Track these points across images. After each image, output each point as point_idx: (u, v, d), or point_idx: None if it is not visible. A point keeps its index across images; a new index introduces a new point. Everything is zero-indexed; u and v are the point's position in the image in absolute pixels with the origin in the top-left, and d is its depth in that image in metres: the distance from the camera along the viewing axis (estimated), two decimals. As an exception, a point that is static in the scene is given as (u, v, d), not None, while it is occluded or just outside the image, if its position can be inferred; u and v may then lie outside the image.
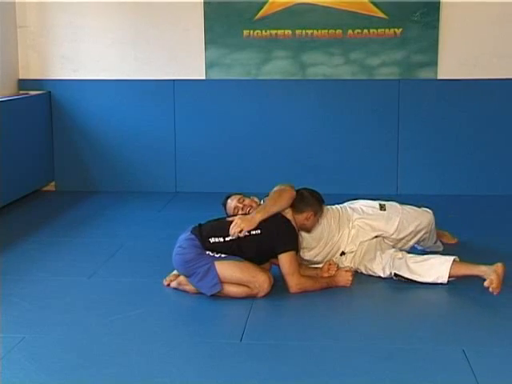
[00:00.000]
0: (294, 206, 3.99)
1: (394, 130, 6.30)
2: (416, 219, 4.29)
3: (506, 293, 3.80)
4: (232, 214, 4.10)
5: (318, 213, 4.09)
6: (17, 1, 6.38)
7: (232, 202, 4.15)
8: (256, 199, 4.18)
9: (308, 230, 4.09)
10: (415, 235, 4.29)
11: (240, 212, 4.08)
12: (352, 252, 4.19)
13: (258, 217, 3.85)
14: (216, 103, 6.40)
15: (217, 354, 3.18)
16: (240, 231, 3.80)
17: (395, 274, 4.01)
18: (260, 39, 6.27)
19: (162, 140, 6.46)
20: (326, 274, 4.03)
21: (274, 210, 3.90)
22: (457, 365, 3.05)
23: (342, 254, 4.20)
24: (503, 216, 5.64)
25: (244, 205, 4.11)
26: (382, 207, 4.30)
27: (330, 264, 4.08)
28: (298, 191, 4.06)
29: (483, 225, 5.35)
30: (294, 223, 3.95)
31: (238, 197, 4.16)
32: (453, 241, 4.76)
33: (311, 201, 4.05)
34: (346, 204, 4.41)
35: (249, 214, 3.98)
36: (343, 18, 6.18)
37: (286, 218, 3.95)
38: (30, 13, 6.40)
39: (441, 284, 3.95)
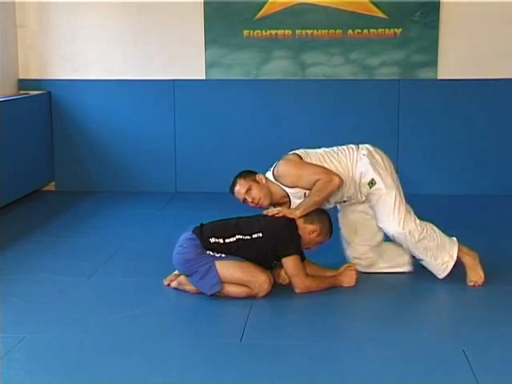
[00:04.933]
0: (309, 214, 3.92)
1: (394, 130, 6.30)
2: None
3: (506, 293, 3.80)
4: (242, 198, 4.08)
5: (321, 236, 3.97)
6: (17, 1, 6.38)
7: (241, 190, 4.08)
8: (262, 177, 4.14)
9: (304, 245, 3.96)
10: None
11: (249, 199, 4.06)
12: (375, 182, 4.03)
13: (297, 213, 3.90)
14: (216, 103, 6.40)
15: (217, 354, 3.18)
16: (277, 213, 3.88)
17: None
18: (260, 39, 6.26)
19: (161, 140, 6.46)
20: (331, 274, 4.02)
21: (314, 207, 3.94)
22: (457, 365, 3.05)
23: (372, 182, 4.03)
24: (503, 216, 5.64)
25: (253, 198, 4.03)
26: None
27: (349, 266, 4.05)
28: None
29: (483, 225, 5.34)
30: (299, 230, 3.89)
31: (247, 188, 4.05)
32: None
33: (325, 221, 3.95)
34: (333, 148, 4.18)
35: (258, 204, 4.02)
36: (343, 18, 6.18)
37: (289, 221, 3.90)
38: (30, 13, 6.40)
39: (441, 283, 3.96)
